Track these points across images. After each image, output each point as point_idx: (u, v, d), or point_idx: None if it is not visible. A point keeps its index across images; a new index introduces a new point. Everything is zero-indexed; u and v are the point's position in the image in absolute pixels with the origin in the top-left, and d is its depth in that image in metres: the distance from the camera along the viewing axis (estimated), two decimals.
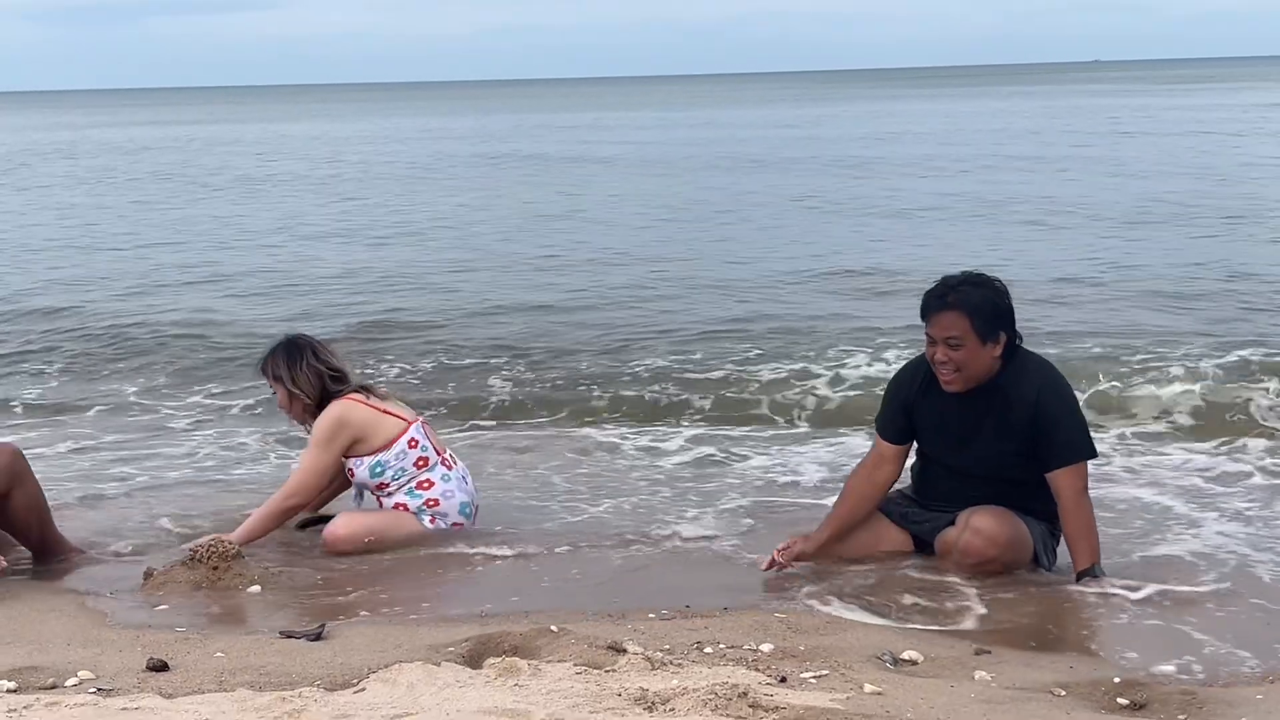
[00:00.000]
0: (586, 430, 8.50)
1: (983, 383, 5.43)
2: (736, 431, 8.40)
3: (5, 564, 5.40)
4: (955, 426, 5.54)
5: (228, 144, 44.28)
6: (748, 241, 16.49)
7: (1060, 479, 5.35)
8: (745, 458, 7.79)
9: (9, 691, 4.11)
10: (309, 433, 6.17)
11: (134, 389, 9.91)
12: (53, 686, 4.20)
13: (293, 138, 47.88)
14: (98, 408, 9.41)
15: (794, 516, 6.60)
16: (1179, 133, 34.18)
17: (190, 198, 25.24)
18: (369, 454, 6.06)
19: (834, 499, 5.95)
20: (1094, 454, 5.50)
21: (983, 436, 5.49)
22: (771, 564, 5.61)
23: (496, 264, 15.20)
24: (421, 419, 6.34)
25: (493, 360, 10.27)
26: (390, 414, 6.14)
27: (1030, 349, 5.57)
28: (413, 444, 6.11)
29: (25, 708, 3.88)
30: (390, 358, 10.45)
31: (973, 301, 5.35)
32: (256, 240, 18.38)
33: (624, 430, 8.49)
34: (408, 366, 10.24)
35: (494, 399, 9.26)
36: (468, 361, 10.30)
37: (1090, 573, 5.34)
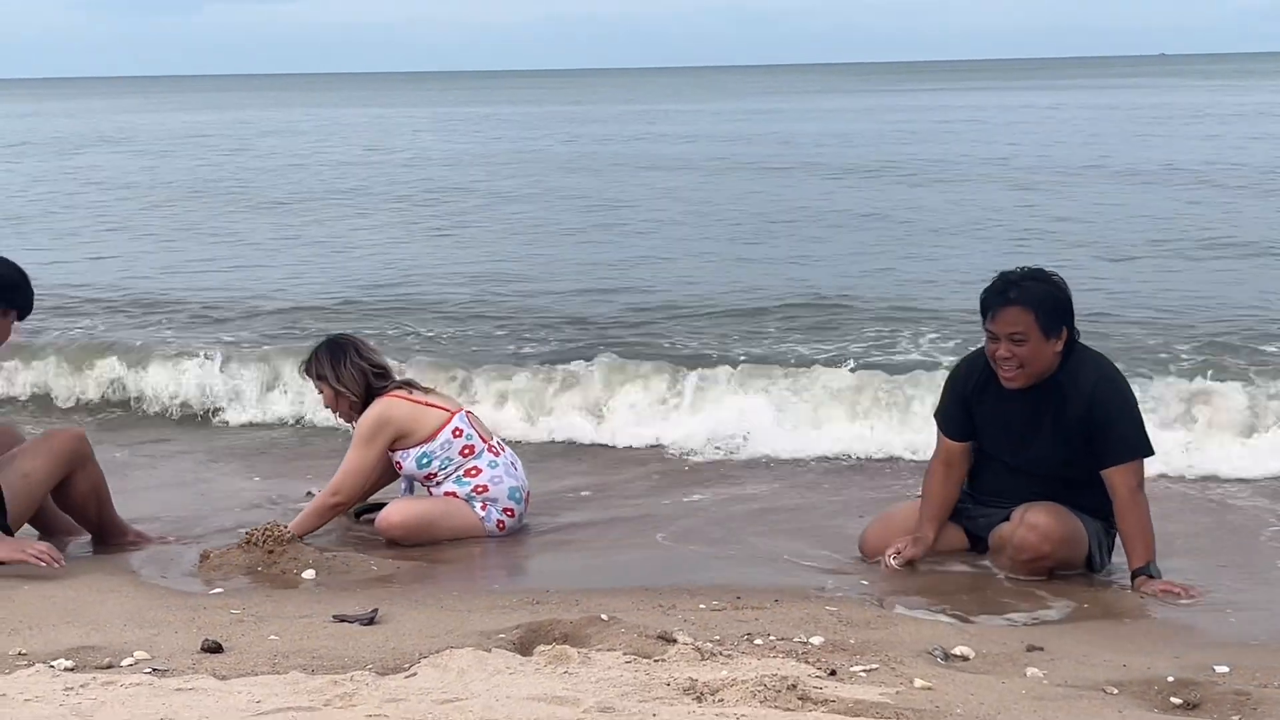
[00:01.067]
0: (645, 417, 8.47)
1: (1042, 379, 5.40)
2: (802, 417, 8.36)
3: (63, 562, 5.45)
4: (1015, 424, 5.49)
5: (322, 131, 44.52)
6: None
7: (1115, 476, 5.32)
8: (804, 447, 7.79)
9: (66, 670, 4.17)
10: (354, 429, 6.25)
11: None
12: (109, 666, 4.25)
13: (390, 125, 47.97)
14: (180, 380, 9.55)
15: (850, 509, 6.61)
16: None
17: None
18: (414, 446, 6.12)
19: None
20: (1150, 452, 5.45)
21: (1042, 434, 5.45)
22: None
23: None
24: (466, 409, 6.39)
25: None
26: (433, 406, 6.20)
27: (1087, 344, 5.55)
28: (457, 433, 6.15)
29: (82, 686, 3.94)
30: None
31: (1036, 296, 5.30)
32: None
33: (680, 418, 8.41)
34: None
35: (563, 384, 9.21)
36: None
37: (1145, 571, 5.30)
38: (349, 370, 6.16)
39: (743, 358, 9.51)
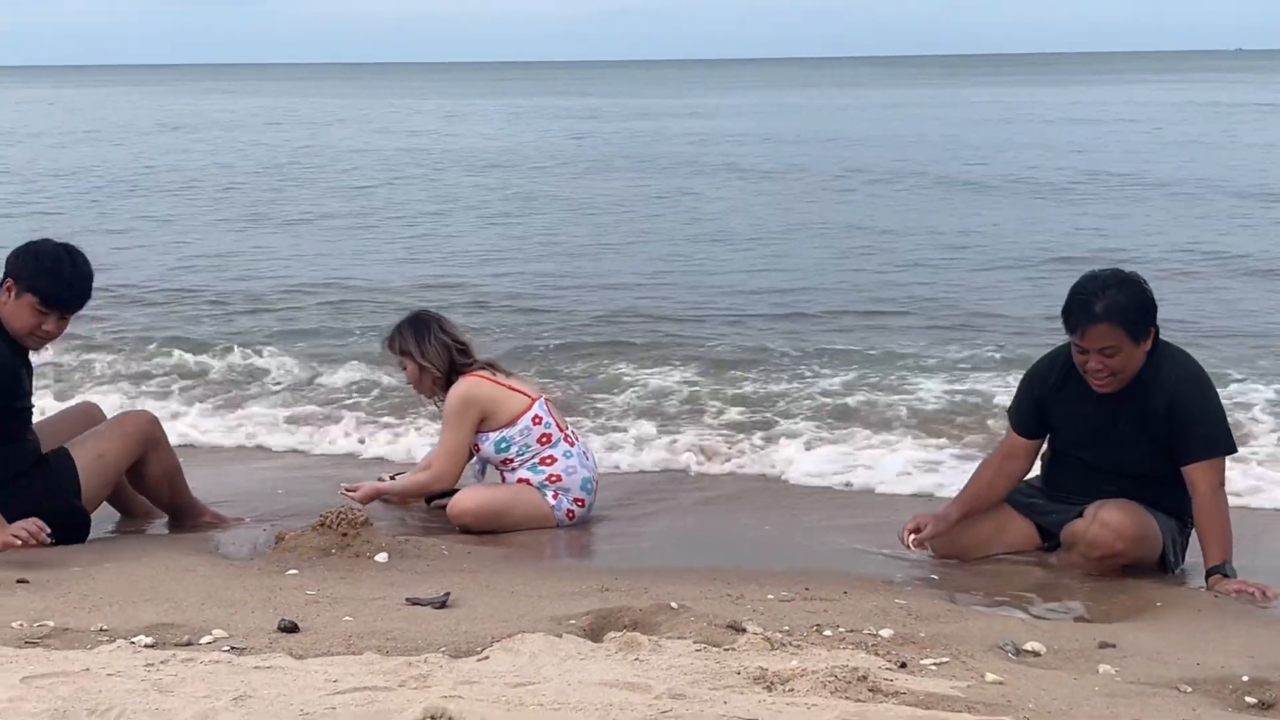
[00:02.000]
0: (713, 408, 8.47)
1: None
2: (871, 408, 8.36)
3: (46, 536, 5.32)
4: (1095, 422, 5.45)
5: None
6: None
7: (1196, 473, 5.26)
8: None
9: (147, 646, 4.22)
10: (438, 406, 6.30)
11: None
12: (188, 643, 4.30)
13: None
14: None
15: (916, 504, 6.60)
16: None
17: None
18: (495, 430, 6.16)
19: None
20: (1234, 449, 5.39)
21: (1121, 431, 5.40)
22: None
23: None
24: (545, 396, 6.42)
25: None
26: (515, 390, 6.24)
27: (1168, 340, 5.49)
28: (537, 420, 6.19)
29: (162, 663, 3.98)
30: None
31: (1122, 308, 5.22)
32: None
33: (750, 411, 8.40)
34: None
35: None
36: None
37: (1221, 570, 5.24)
38: (433, 345, 6.21)
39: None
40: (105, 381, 9.32)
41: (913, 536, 5.57)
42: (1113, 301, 5.23)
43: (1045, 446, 5.72)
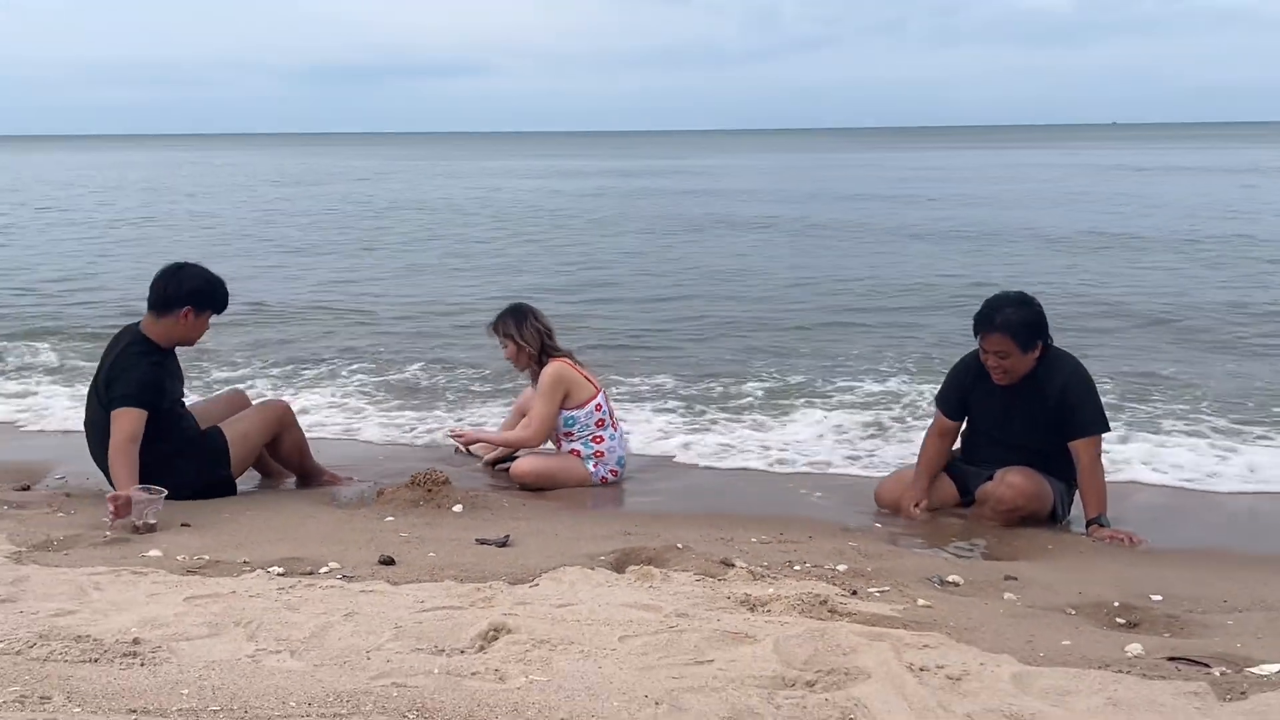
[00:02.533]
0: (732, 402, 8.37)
1: (1023, 376, 5.35)
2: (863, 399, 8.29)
3: (118, 518, 5.00)
4: (1000, 409, 5.46)
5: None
6: None
7: (1079, 447, 5.27)
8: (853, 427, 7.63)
9: (279, 575, 4.25)
10: (531, 381, 6.30)
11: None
12: (310, 572, 4.33)
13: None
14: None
15: (866, 473, 6.57)
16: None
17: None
18: (568, 409, 6.16)
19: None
20: (1108, 428, 5.39)
21: (1021, 416, 5.41)
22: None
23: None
24: (604, 389, 6.41)
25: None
26: (588, 379, 6.24)
27: (1059, 346, 5.48)
28: (598, 408, 6.21)
29: (290, 587, 4.00)
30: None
31: (1014, 323, 5.24)
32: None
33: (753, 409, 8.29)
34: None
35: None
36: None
37: (1098, 521, 5.24)
38: (530, 329, 6.20)
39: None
40: (249, 376, 9.32)
41: (916, 509, 5.56)
42: (1008, 318, 5.24)
43: (964, 424, 5.72)
